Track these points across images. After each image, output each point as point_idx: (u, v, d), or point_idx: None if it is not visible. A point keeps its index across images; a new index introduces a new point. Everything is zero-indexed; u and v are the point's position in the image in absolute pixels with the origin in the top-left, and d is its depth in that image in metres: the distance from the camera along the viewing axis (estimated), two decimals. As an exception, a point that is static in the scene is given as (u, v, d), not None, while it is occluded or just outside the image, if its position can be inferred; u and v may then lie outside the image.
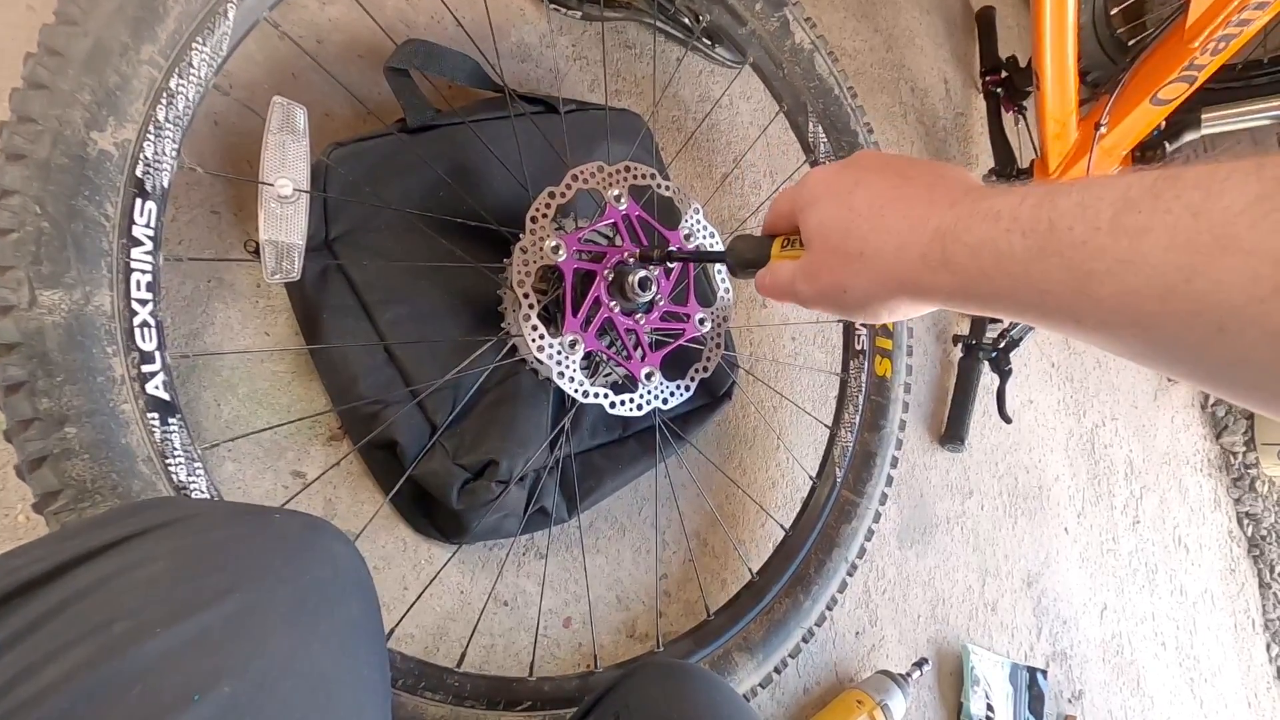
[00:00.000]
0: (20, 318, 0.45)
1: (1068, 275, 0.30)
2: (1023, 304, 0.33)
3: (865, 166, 0.43)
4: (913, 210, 0.38)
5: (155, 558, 0.31)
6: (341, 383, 0.65)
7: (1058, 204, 0.31)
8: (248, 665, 0.29)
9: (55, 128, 0.47)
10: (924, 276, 0.37)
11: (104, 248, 0.49)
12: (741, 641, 0.75)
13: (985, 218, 0.34)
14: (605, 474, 0.77)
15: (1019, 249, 0.32)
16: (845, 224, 0.41)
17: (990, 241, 0.33)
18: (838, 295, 0.43)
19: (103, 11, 0.48)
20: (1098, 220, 0.29)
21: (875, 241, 0.40)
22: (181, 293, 0.62)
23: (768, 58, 0.85)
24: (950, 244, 0.36)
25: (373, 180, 0.67)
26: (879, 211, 0.40)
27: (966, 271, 0.35)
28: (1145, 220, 0.27)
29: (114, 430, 0.48)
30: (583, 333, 0.64)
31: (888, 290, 0.40)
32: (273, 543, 0.35)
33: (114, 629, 0.28)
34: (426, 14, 0.79)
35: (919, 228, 0.37)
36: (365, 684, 0.35)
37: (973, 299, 0.36)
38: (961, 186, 0.38)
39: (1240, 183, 0.25)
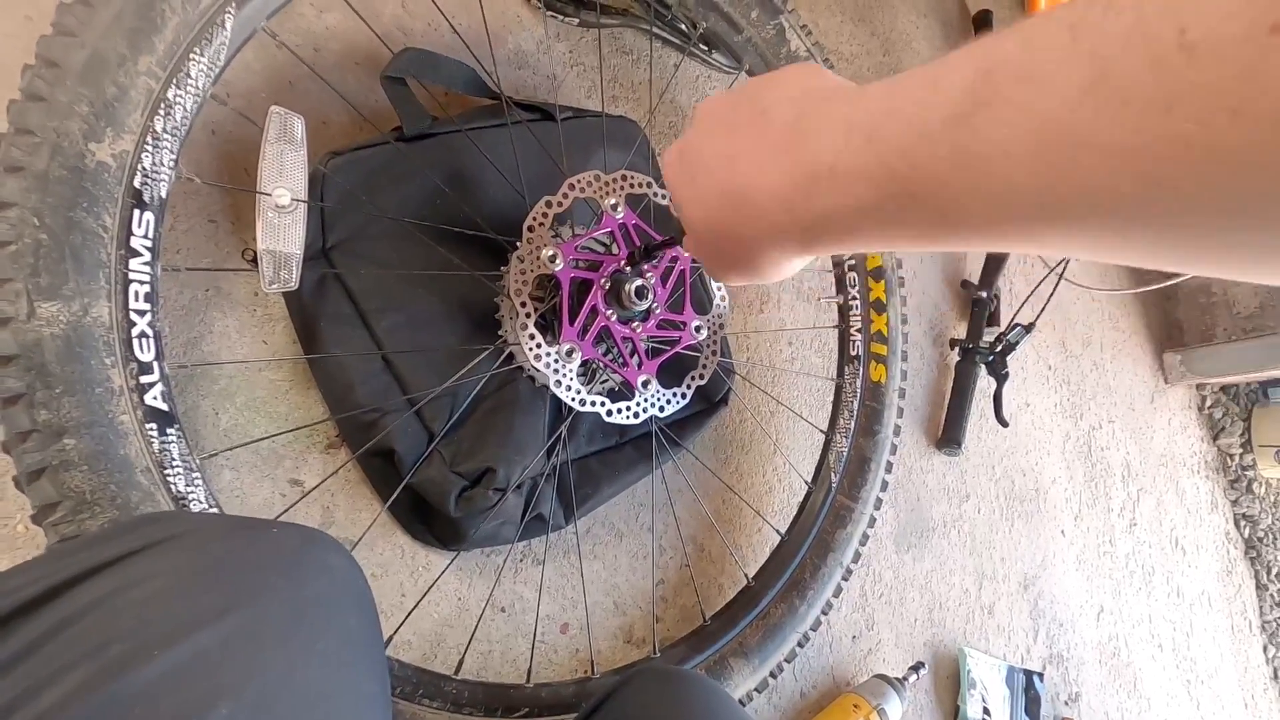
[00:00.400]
0: (19, 330, 0.46)
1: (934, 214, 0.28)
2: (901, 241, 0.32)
3: (698, 127, 0.40)
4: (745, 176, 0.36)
5: (152, 576, 0.31)
6: (339, 391, 0.66)
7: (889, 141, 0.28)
8: (245, 685, 0.29)
9: (53, 139, 0.47)
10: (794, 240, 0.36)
11: (102, 259, 0.49)
12: (737, 647, 0.76)
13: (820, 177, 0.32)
14: (602, 480, 0.77)
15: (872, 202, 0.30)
16: (705, 216, 0.40)
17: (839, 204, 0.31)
18: (731, 271, 0.42)
19: (100, 22, 0.49)
20: (937, 151, 0.27)
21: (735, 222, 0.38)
22: (179, 302, 0.63)
23: (764, 65, 0.85)
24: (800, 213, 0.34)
25: (369, 189, 0.67)
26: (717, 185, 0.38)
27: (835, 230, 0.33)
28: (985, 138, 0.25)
29: (112, 441, 0.48)
30: (580, 341, 0.64)
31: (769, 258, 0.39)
32: (270, 558, 0.35)
33: (111, 651, 0.28)
34: (423, 21, 0.80)
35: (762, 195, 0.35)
36: (365, 697, 0.35)
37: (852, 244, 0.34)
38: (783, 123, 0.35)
39: (1064, 67, 0.22)
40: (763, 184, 0.35)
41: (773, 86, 0.37)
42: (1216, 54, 0.18)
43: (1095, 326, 1.58)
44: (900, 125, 0.28)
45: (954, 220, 0.28)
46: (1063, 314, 1.50)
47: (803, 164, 0.33)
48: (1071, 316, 1.53)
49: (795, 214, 0.34)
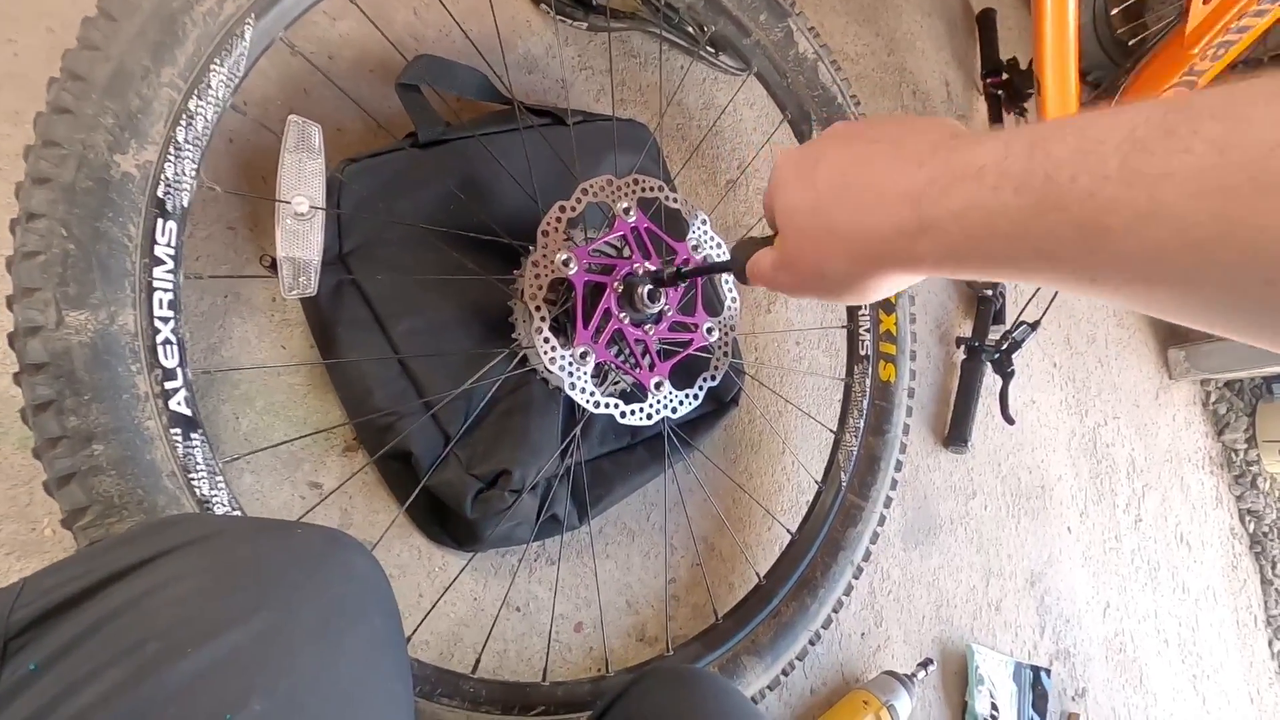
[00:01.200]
0: (48, 338, 0.47)
1: (1076, 233, 0.26)
2: (1024, 267, 0.30)
3: (830, 138, 0.40)
4: (878, 176, 0.35)
5: (183, 576, 0.32)
6: (356, 395, 0.67)
7: (1052, 152, 0.27)
8: (277, 683, 0.30)
9: (79, 151, 0.48)
10: (902, 247, 0.34)
11: (127, 268, 0.50)
12: (749, 645, 0.77)
13: (966, 176, 0.30)
14: (615, 481, 0.78)
15: (1012, 208, 0.28)
16: (810, 204, 0.38)
17: (976, 202, 0.30)
18: (816, 281, 0.40)
19: (124, 36, 0.50)
20: (1104, 168, 0.25)
21: (842, 217, 0.36)
22: (199, 308, 0.63)
23: (772, 67, 0.86)
24: (928, 208, 0.32)
25: (385, 195, 0.68)
26: (843, 184, 0.36)
27: (951, 237, 0.31)
28: (1162, 164, 0.23)
29: (139, 446, 0.49)
30: (593, 344, 0.65)
31: (867, 267, 0.37)
32: (296, 558, 0.35)
33: (147, 649, 0.29)
34: (435, 28, 0.80)
35: (888, 194, 0.34)
36: (390, 696, 0.36)
37: (964, 264, 0.32)
38: (930, 139, 0.34)
39: (1268, 109, 0.22)
40: (892, 179, 0.34)
41: (924, 118, 0.37)
42: None
43: (1100, 324, 1.59)
44: (1070, 140, 0.27)
45: (1099, 246, 0.26)
46: (1067, 311, 1.50)
47: (951, 165, 0.31)
48: (1076, 314, 1.53)
49: (921, 213, 0.32)
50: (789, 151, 0.42)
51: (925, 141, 0.34)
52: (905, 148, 0.34)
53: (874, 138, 0.37)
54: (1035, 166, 0.27)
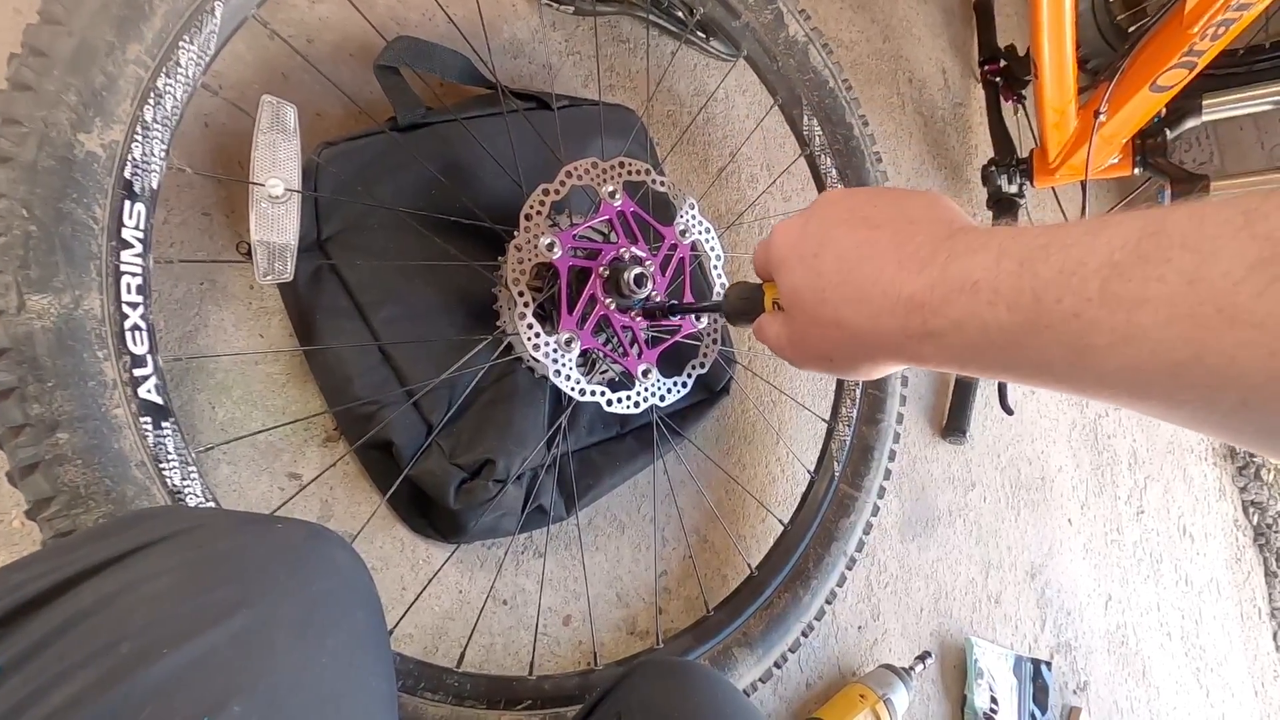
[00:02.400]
0: (9, 323, 0.45)
1: (1064, 350, 0.28)
2: (1020, 375, 0.32)
3: (829, 219, 0.41)
4: (883, 273, 0.36)
5: (159, 573, 0.31)
6: (336, 384, 0.65)
7: (1039, 273, 0.29)
8: (256, 684, 0.29)
9: (41, 129, 0.46)
10: (907, 346, 0.36)
11: (93, 251, 0.48)
12: (741, 637, 0.75)
13: (963, 289, 0.32)
14: (603, 471, 0.77)
15: (1006, 323, 0.30)
16: (816, 292, 0.40)
17: (973, 316, 0.32)
18: (823, 363, 0.43)
19: (87, 10, 0.48)
20: (1086, 290, 0.27)
21: (849, 312, 0.38)
22: (174, 295, 0.62)
23: (762, 51, 0.84)
24: (930, 317, 0.34)
25: (364, 179, 0.66)
26: (848, 277, 0.38)
27: (952, 345, 0.33)
28: (1138, 290, 0.25)
29: (106, 435, 0.48)
30: (579, 330, 0.64)
31: (874, 357, 0.39)
32: (276, 554, 0.34)
33: (121, 649, 0.27)
34: (418, 11, 0.79)
35: (892, 295, 0.36)
36: (373, 695, 0.35)
37: (966, 368, 0.35)
38: (930, 236, 0.36)
39: (1233, 243, 0.23)
40: (897, 283, 0.35)
41: (916, 199, 0.39)
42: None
43: (1100, 313, 1.57)
44: (1054, 259, 0.28)
45: (1085, 362, 0.28)
46: (1067, 301, 1.49)
47: (948, 275, 0.33)
48: (1076, 304, 1.52)
49: (922, 319, 0.34)
50: (788, 225, 0.43)
51: (927, 238, 0.36)
52: (908, 243, 0.36)
53: (876, 223, 0.38)
54: (1024, 285, 0.29)
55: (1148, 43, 1.01)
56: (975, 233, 0.34)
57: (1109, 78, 1.06)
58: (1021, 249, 0.30)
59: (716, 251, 0.73)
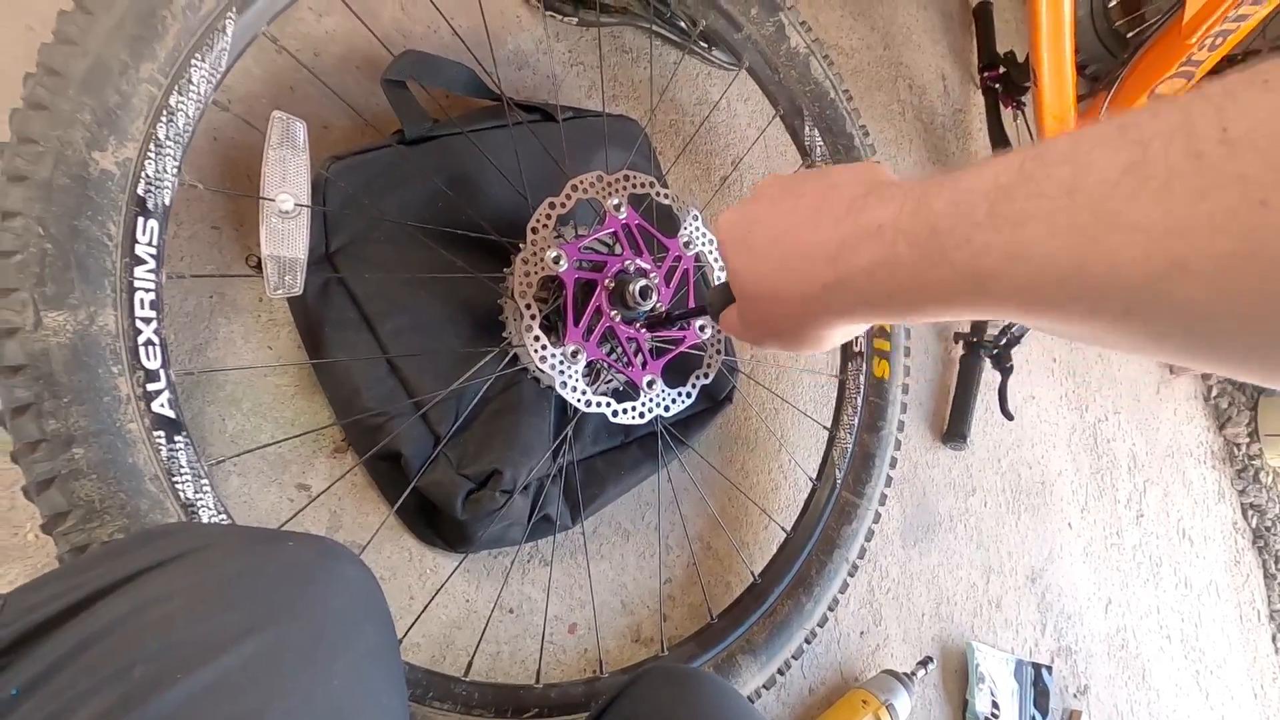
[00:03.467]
0: (25, 339, 0.46)
1: (961, 278, 0.29)
2: (929, 311, 0.33)
3: (761, 198, 0.42)
4: (803, 237, 0.37)
5: (171, 595, 0.31)
6: (345, 395, 0.66)
7: (933, 206, 0.30)
8: (268, 708, 0.29)
9: (56, 148, 0.47)
10: (830, 301, 0.37)
11: (107, 267, 0.49)
12: (745, 644, 0.76)
13: (869, 235, 0.33)
14: (608, 480, 0.78)
15: (908, 260, 0.31)
16: (751, 269, 0.41)
17: (880, 259, 0.32)
18: (773, 338, 0.43)
19: (101, 30, 0.49)
20: (974, 215, 0.28)
21: (779, 282, 0.39)
22: (184, 309, 0.63)
23: (763, 62, 0.85)
24: (843, 267, 0.35)
25: (372, 192, 0.67)
26: (775, 248, 0.39)
27: (865, 291, 0.34)
28: (1021, 207, 0.26)
29: (121, 450, 0.48)
30: (584, 342, 0.64)
31: (809, 322, 0.40)
32: (287, 573, 0.35)
33: (134, 674, 0.28)
34: (422, 24, 0.79)
35: (813, 256, 0.36)
36: (385, 711, 0.35)
37: (882, 313, 0.36)
38: (849, 195, 0.36)
39: (1108, 151, 0.24)
40: (814, 240, 0.36)
41: (842, 170, 0.40)
42: (1255, 149, 0.20)
43: (1099, 318, 1.57)
44: (948, 194, 0.29)
45: (984, 285, 0.29)
46: (1067, 306, 1.49)
47: (858, 225, 0.34)
48: (1076, 308, 1.52)
49: (835, 271, 0.35)
50: (728, 213, 0.44)
51: (844, 198, 0.36)
52: (826, 205, 0.37)
53: (800, 193, 0.39)
54: (921, 221, 0.30)
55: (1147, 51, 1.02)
56: (891, 185, 0.35)
57: (1108, 85, 1.07)
58: (922, 190, 0.31)
59: (720, 262, 0.74)
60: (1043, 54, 1.07)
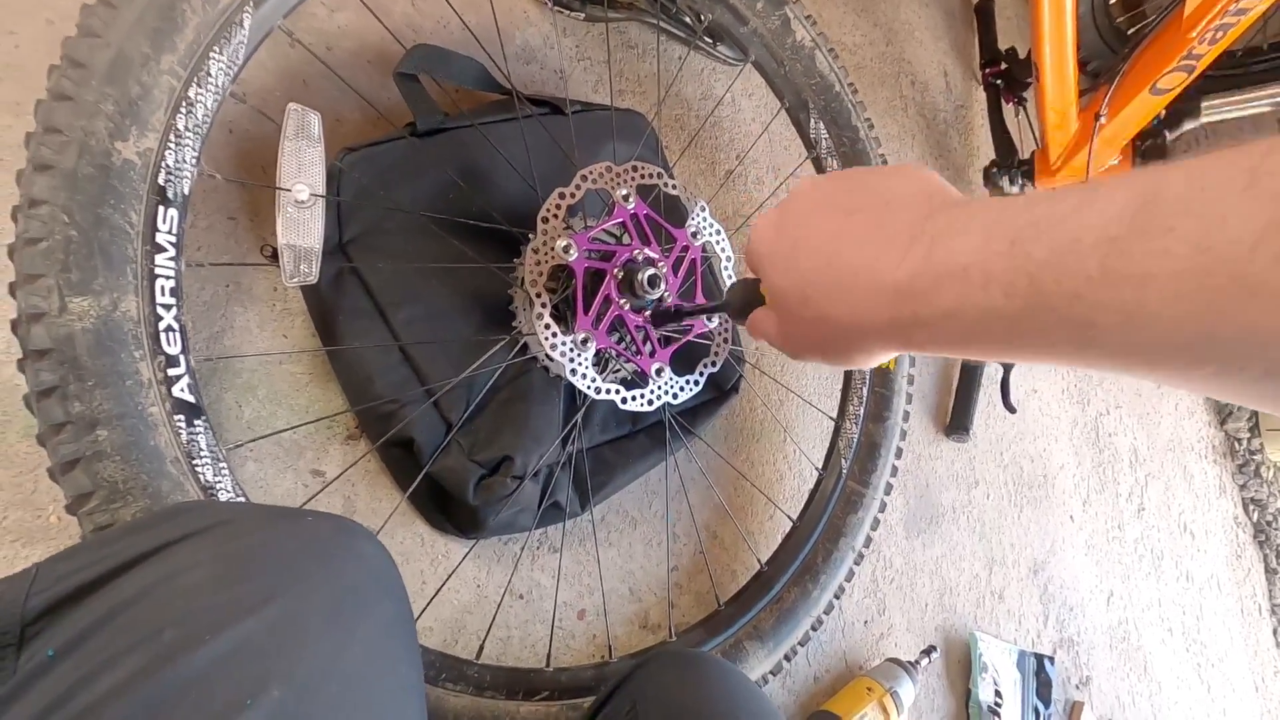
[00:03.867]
0: (51, 324, 0.47)
1: (1068, 332, 0.27)
2: (1023, 355, 0.31)
3: (802, 211, 0.39)
4: (863, 263, 0.35)
5: (197, 564, 0.32)
6: (358, 383, 0.67)
7: (1032, 254, 0.27)
8: (293, 670, 0.30)
9: (80, 138, 0.48)
10: (899, 335, 0.35)
11: (129, 255, 0.50)
12: (752, 630, 0.77)
13: (952, 275, 0.30)
14: (616, 468, 0.79)
15: (1003, 308, 0.29)
16: (798, 291, 0.38)
17: (967, 302, 0.30)
18: (818, 355, 0.42)
19: (123, 23, 0.50)
20: (1085, 270, 0.25)
21: (834, 307, 0.37)
22: (201, 298, 0.64)
23: (769, 56, 0.86)
24: (920, 307, 0.32)
25: (385, 184, 0.68)
26: (828, 272, 0.36)
27: (948, 332, 0.32)
28: (1141, 265, 0.24)
29: (143, 432, 0.49)
30: (594, 330, 0.65)
31: (863, 347, 0.38)
32: (307, 547, 0.35)
33: (164, 637, 0.29)
34: (433, 19, 0.81)
35: (876, 286, 0.34)
36: (402, 682, 0.36)
37: (961, 350, 0.33)
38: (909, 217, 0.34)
39: (1241, 207, 0.22)
40: (880, 272, 0.34)
41: (890, 179, 0.37)
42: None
43: (1101, 313, 1.58)
44: (1045, 238, 0.27)
45: (1092, 343, 0.27)
46: (1069, 301, 1.50)
47: (934, 260, 0.31)
48: (1077, 303, 1.53)
49: (913, 309, 0.33)
50: (764, 222, 0.42)
51: (905, 220, 0.34)
52: (886, 227, 0.34)
53: (850, 209, 0.37)
54: (1018, 267, 0.28)
55: (1147, 46, 1.03)
56: (957, 210, 0.33)
57: (1109, 80, 1.07)
58: (1009, 228, 0.29)
59: (727, 253, 0.75)
60: (1045, 50, 1.08)
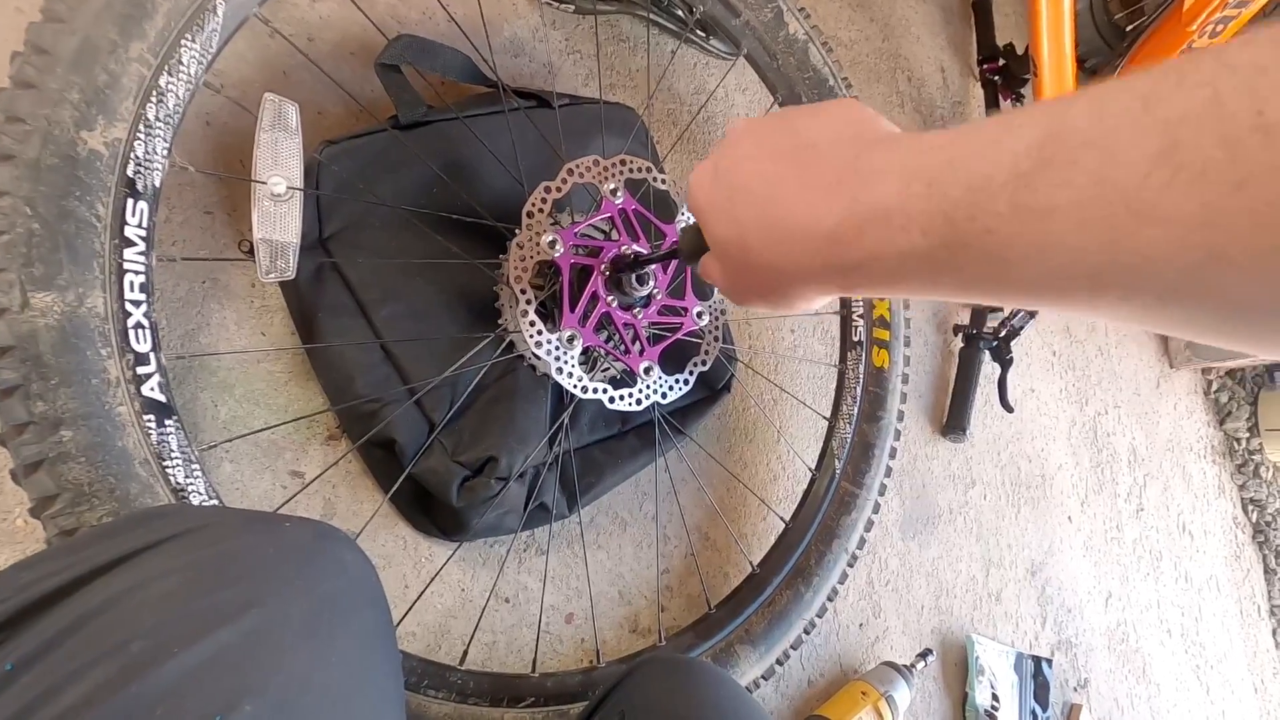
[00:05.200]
0: (13, 320, 0.45)
1: (984, 265, 0.28)
2: (944, 292, 0.32)
3: (737, 158, 0.39)
4: (795, 210, 0.35)
5: (169, 572, 0.31)
6: (339, 382, 0.65)
7: (947, 194, 0.28)
8: (268, 683, 0.29)
9: (44, 127, 0.46)
10: (833, 278, 0.36)
11: (96, 249, 0.48)
12: (743, 634, 0.75)
13: (874, 219, 0.31)
14: (605, 469, 0.77)
15: (921, 247, 0.30)
16: (738, 240, 0.39)
17: (889, 244, 0.31)
18: (759, 302, 0.42)
19: (90, 9, 0.48)
20: (995, 205, 0.26)
21: (771, 255, 0.37)
22: (176, 294, 0.62)
23: (762, 49, 0.84)
24: (848, 250, 0.33)
25: (366, 177, 0.66)
26: (763, 219, 0.37)
27: (874, 273, 0.33)
28: (1047, 198, 0.25)
29: (110, 433, 0.48)
30: (581, 328, 0.64)
31: (803, 292, 0.39)
32: (285, 553, 0.34)
33: (132, 648, 0.27)
34: (418, 10, 0.79)
35: (810, 235, 0.35)
36: (382, 693, 0.35)
37: (893, 290, 0.34)
38: (836, 163, 0.34)
39: (1135, 134, 0.22)
40: (810, 218, 0.35)
41: (820, 120, 0.37)
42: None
43: (1099, 312, 1.57)
44: (961, 176, 0.28)
45: (1005, 275, 0.28)
46: (1067, 299, 1.49)
47: (859, 204, 0.32)
48: (1075, 302, 1.52)
49: (841, 252, 0.34)
50: (700, 172, 0.42)
51: (832, 165, 0.35)
52: (814, 170, 0.35)
53: (779, 153, 0.37)
54: (934, 208, 0.29)
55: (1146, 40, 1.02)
56: (879, 151, 0.33)
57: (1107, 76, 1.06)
58: (928, 168, 0.29)
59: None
60: (1043, 46, 1.06)
